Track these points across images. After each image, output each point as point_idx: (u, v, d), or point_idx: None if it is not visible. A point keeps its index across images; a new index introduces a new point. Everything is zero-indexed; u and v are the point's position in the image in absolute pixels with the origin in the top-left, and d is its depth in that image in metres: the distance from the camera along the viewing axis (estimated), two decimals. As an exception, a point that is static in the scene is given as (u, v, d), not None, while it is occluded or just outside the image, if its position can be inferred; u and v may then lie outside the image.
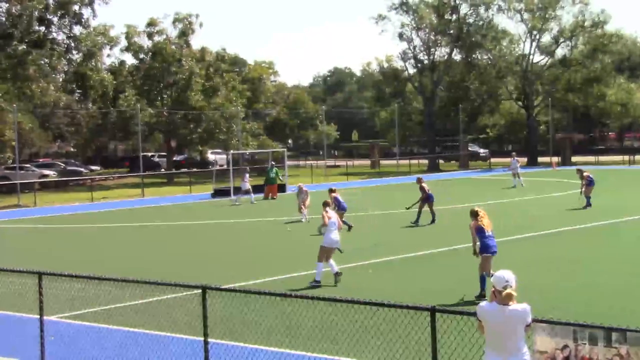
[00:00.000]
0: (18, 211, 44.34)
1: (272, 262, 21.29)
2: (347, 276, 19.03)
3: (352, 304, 9.20)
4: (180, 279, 17.01)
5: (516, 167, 47.89)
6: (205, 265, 20.81)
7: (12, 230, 34.73)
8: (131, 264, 22.29)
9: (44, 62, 54.08)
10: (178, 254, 24.35)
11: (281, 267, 20.40)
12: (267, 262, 21.32)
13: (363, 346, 11.34)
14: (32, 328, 12.64)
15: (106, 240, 29.61)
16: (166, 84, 71.44)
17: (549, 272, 18.52)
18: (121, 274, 16.65)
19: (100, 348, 12.57)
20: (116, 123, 70.66)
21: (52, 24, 52.32)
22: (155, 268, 20.94)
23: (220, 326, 12.01)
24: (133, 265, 21.57)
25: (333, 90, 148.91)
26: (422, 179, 29.98)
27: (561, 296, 15.78)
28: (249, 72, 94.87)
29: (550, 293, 15.97)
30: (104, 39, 72.38)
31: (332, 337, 12.21)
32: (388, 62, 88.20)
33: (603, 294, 16.08)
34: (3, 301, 15.80)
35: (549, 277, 17.89)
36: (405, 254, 22.16)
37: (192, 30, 73.22)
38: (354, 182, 61.31)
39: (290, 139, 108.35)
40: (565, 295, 15.88)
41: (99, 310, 15.28)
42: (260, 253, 22.98)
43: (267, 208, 40.25)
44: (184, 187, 57.27)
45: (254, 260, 22.03)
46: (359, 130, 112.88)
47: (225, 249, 25.19)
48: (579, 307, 14.64)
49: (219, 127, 70.46)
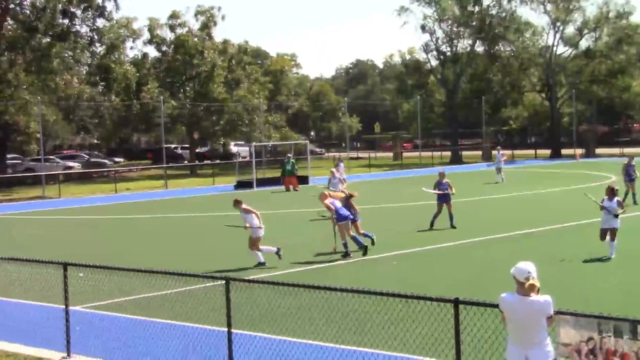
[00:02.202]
0: (43, 202, 44.68)
1: (296, 253, 21.32)
2: (371, 268, 19.08)
3: (376, 296, 9.21)
4: (204, 271, 17.12)
5: (500, 162, 46.11)
6: (229, 257, 20.87)
7: (37, 222, 34.99)
8: (155, 255, 22.41)
9: (68, 54, 54.35)
10: (202, 245, 24.45)
11: (306, 258, 20.44)
12: (291, 252, 21.34)
13: (387, 337, 11.35)
14: (58, 318, 12.77)
15: (130, 231, 29.78)
16: (189, 76, 71.65)
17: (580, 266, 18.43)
18: (145, 265, 16.74)
19: (125, 338, 12.66)
20: (139, 115, 70.96)
21: (75, 17, 52.52)
22: (179, 259, 21.03)
23: (244, 317, 12.06)
24: (157, 257, 21.69)
25: (355, 82, 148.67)
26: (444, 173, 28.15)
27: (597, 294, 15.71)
28: (271, 64, 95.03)
29: (589, 290, 15.90)
30: (127, 31, 72.74)
31: (356, 328, 12.24)
32: (410, 54, 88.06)
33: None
34: (29, 291, 15.95)
35: (579, 272, 17.81)
36: (427, 245, 22.12)
37: (214, 22, 73.41)
38: (377, 174, 61.25)
39: (312, 131, 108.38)
40: (600, 294, 15.80)
41: (123, 301, 15.38)
42: (283, 244, 22.94)
43: (291, 199, 40.29)
44: (207, 179, 57.44)
45: (283, 250, 22.05)
46: (381, 122, 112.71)
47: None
48: (612, 306, 14.57)
49: (242, 119, 70.62)
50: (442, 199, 25.73)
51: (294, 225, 28.98)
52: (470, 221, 26.59)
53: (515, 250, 20.37)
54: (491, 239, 22.91)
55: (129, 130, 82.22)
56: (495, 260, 19.17)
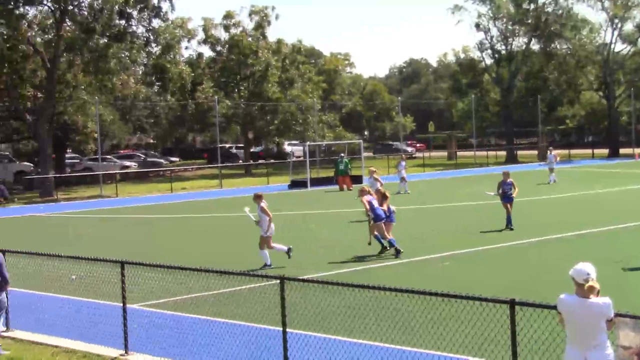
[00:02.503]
0: (100, 201, 45.36)
1: (346, 253, 21.32)
2: (423, 268, 19.01)
3: (429, 296, 9.18)
4: (258, 270, 17.22)
5: (552, 162, 45.42)
6: (282, 256, 20.95)
7: (95, 220, 35.52)
8: (209, 254, 22.58)
9: (124, 55, 54.99)
10: (256, 244, 24.55)
11: (356, 258, 20.45)
12: (342, 252, 21.36)
13: (441, 338, 11.31)
14: (116, 316, 12.96)
15: (185, 230, 30.05)
16: (243, 76, 72.07)
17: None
18: (200, 264, 16.89)
19: (180, 336, 12.79)
20: (194, 115, 71.66)
21: (132, 18, 53.09)
22: (234, 258, 21.17)
23: (297, 316, 12.10)
24: (211, 256, 21.86)
25: (409, 81, 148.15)
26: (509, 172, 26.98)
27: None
28: (325, 63, 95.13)
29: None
30: (182, 31, 73.49)
31: (408, 329, 12.21)
32: (464, 52, 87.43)
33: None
34: (89, 289, 16.21)
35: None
36: (479, 246, 21.96)
37: (268, 22, 73.77)
38: (431, 173, 60.97)
39: (366, 130, 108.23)
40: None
41: (179, 300, 15.54)
42: (334, 243, 23.00)
43: (344, 199, 40.29)
44: (261, 179, 57.74)
45: (331, 250, 22.09)
46: (435, 122, 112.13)
47: (303, 239, 25.28)
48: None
49: (295, 119, 70.85)
50: (506, 198, 25.47)
51: (345, 225, 28.97)
52: (524, 222, 26.27)
53: (570, 251, 20.13)
54: (545, 240, 22.63)
55: (184, 130, 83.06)
56: (549, 261, 18.95)
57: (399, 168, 42.93)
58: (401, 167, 42.60)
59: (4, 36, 49.19)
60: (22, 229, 32.29)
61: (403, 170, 42.37)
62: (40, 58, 51.67)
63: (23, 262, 16.19)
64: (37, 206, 43.87)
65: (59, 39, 50.55)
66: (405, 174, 42.51)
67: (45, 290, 17.16)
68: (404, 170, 42.55)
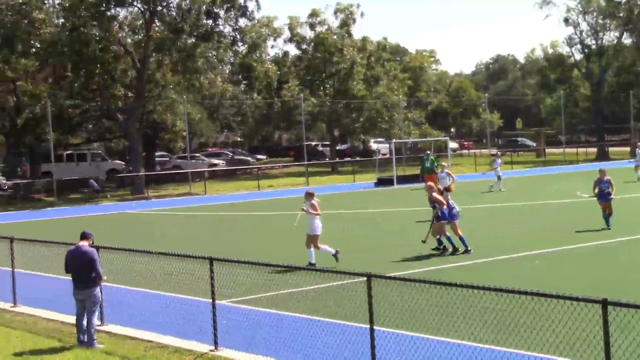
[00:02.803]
0: (189, 199, 46.12)
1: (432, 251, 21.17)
2: (513, 266, 18.76)
3: (518, 295, 9.05)
4: (344, 267, 17.25)
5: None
6: (370, 253, 20.95)
7: (183, 218, 36.12)
8: (295, 250, 22.70)
9: (212, 54, 55.75)
10: (342, 242, 24.58)
11: (442, 256, 20.31)
12: (427, 250, 21.21)
13: (530, 338, 11.14)
14: (206, 312, 13.16)
15: (272, 227, 30.29)
16: (328, 73, 72.27)
17: None
18: (285, 261, 17.02)
19: (268, 333, 12.90)
20: (280, 113, 72.19)
21: (219, 17, 53.79)
22: (318, 255, 21.20)
23: (382, 313, 12.07)
24: (297, 253, 21.96)
25: (496, 77, 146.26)
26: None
27: None
28: (410, 61, 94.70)
29: None
30: (268, 30, 74.07)
31: (497, 328, 12.07)
32: (553, 47, 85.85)
33: None
34: (180, 285, 16.50)
35: None
36: (569, 244, 21.53)
37: (354, 20, 73.77)
38: (519, 171, 60.08)
39: (452, 127, 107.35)
40: None
41: (266, 296, 15.66)
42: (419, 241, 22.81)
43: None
44: (347, 176, 57.78)
45: (417, 247, 21.98)
46: (522, 118, 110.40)
47: (389, 237, 25.22)
48: None
49: (381, 116, 70.70)
50: (603, 197, 24.70)
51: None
52: (613, 220, 25.57)
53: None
54: (635, 239, 22.01)
55: (270, 128, 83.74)
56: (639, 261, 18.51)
57: (494, 165, 42.21)
58: (497, 164, 41.92)
59: (97, 38, 50.44)
60: (114, 226, 33.05)
61: (499, 167, 41.74)
62: (130, 58, 52.86)
63: (115, 258, 16.56)
64: (129, 203, 44.88)
65: (148, 40, 51.62)
66: (500, 171, 41.86)
67: (136, 285, 17.54)
68: (499, 168, 41.92)
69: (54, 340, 13.67)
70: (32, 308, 16.35)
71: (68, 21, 50.28)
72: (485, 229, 26.05)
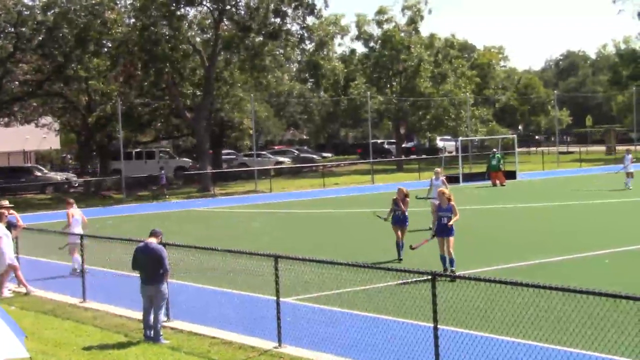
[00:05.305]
0: (255, 196, 46.44)
1: (500, 249, 20.97)
2: (581, 266, 18.48)
3: (586, 295, 8.93)
4: (408, 266, 17.18)
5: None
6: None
7: (249, 215, 36.39)
8: (360, 249, 22.71)
9: (279, 52, 56.11)
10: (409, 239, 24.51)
11: (508, 254, 20.10)
12: (495, 248, 21.02)
13: (594, 338, 10.95)
14: (270, 309, 13.27)
15: (337, 225, 30.32)
16: (395, 71, 72.04)
17: None
18: (349, 259, 17.05)
19: (332, 331, 12.93)
20: (347, 110, 72.21)
21: (286, 16, 54.01)
22: (381, 252, 21.17)
23: (445, 312, 12.02)
24: (362, 251, 21.99)
25: (566, 74, 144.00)
26: None
27: None
28: (479, 57, 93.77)
29: None
30: (335, 28, 74.15)
31: (560, 328, 11.92)
32: (626, 43, 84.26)
33: None
34: (245, 282, 16.65)
35: None
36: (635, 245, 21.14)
37: (421, 17, 73.35)
38: (588, 169, 59.05)
39: (520, 124, 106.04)
40: None
41: (330, 294, 15.69)
42: (487, 239, 22.65)
43: (496, 195, 39.63)
44: (412, 174, 57.51)
45: (484, 246, 21.80)
46: (593, 115, 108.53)
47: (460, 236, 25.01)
48: None
49: (448, 114, 70.21)
50: None
51: (500, 220, 28.50)
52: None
53: None
54: None
55: (336, 126, 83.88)
56: None
57: (625, 162, 40.91)
58: (627, 160, 40.66)
59: (166, 37, 51.15)
60: (181, 223, 33.46)
61: (630, 164, 40.56)
62: (199, 57, 53.46)
63: (182, 254, 16.78)
64: (196, 201, 45.38)
65: (217, 38, 52.14)
66: (631, 168, 40.64)
67: (202, 282, 17.75)
68: (630, 164, 40.75)
69: (121, 336, 13.94)
70: (100, 303, 16.68)
71: (139, 21, 51.13)
72: (551, 225, 25.68)
